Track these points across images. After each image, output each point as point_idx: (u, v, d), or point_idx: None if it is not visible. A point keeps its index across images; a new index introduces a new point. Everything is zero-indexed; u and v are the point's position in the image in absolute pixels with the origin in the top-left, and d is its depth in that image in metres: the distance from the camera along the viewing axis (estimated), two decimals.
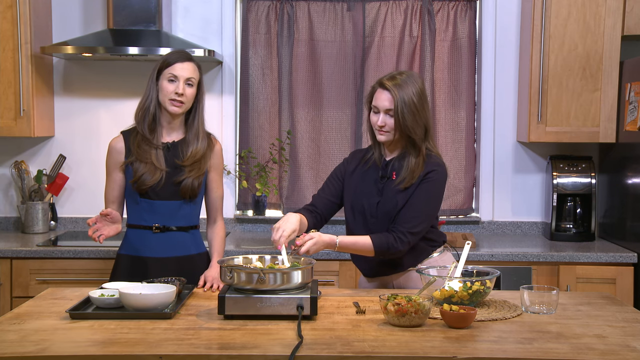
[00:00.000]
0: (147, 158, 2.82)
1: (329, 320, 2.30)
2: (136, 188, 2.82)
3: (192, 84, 2.84)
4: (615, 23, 3.79)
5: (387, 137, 2.70)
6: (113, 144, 2.91)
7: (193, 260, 2.93)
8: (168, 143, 2.88)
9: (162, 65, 2.83)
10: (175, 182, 2.84)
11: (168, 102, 2.81)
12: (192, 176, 2.85)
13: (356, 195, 2.79)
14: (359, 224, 2.77)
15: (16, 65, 3.83)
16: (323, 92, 4.21)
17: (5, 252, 3.59)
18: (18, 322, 2.27)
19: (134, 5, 3.85)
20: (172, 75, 2.81)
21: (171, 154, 2.86)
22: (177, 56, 2.84)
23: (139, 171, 2.81)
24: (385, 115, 2.67)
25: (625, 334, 2.19)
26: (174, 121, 2.88)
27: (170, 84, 2.81)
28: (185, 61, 2.83)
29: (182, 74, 2.81)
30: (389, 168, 2.75)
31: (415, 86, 2.67)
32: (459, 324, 2.21)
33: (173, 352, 2.00)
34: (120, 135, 2.91)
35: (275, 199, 4.26)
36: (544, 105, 3.84)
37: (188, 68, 2.83)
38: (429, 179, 2.68)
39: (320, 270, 3.56)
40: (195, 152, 2.87)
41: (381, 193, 2.73)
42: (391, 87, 2.65)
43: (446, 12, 4.17)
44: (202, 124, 2.91)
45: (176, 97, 2.80)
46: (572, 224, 3.96)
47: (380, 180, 2.75)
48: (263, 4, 4.18)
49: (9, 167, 4.16)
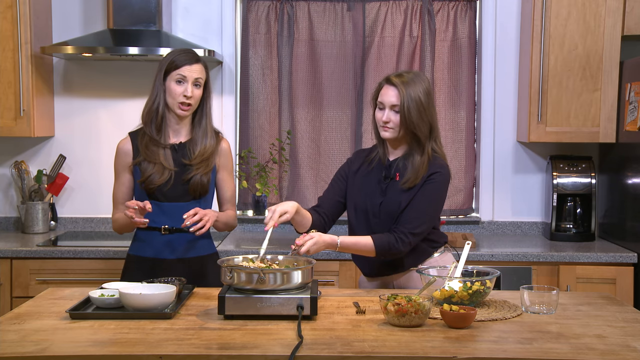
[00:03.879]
0: (155, 158, 2.81)
1: (329, 320, 2.30)
2: (144, 187, 2.81)
3: (199, 85, 2.83)
4: (615, 23, 3.79)
5: (392, 134, 2.71)
6: (121, 145, 2.90)
7: (203, 261, 2.92)
8: (175, 144, 2.87)
9: (169, 67, 2.81)
10: (184, 181, 2.83)
11: (177, 106, 2.81)
12: (200, 172, 2.84)
13: (359, 194, 2.79)
14: (362, 224, 2.77)
15: (16, 65, 3.82)
16: (323, 92, 4.21)
17: (5, 252, 3.59)
18: (18, 322, 2.27)
19: (134, 5, 3.85)
20: (181, 77, 2.80)
21: (179, 155, 2.86)
22: (185, 58, 2.82)
23: (147, 171, 2.80)
24: (391, 111, 2.68)
25: (625, 334, 2.18)
26: (181, 122, 2.88)
27: (179, 85, 2.80)
28: (194, 63, 2.82)
29: (191, 75, 2.80)
30: (393, 168, 2.75)
31: (423, 85, 2.68)
32: (459, 324, 2.21)
33: (173, 352, 2.00)
34: (128, 137, 2.91)
35: (275, 199, 4.26)
36: (544, 105, 3.84)
37: (196, 69, 2.82)
38: (433, 180, 2.69)
39: (320, 270, 3.56)
40: (203, 151, 2.86)
41: (384, 193, 2.73)
42: (398, 83, 2.66)
43: (446, 12, 4.17)
44: (210, 123, 2.91)
45: (185, 99, 2.79)
46: (572, 224, 3.96)
47: (383, 180, 2.75)
48: (263, 4, 4.18)
49: (9, 167, 4.16)
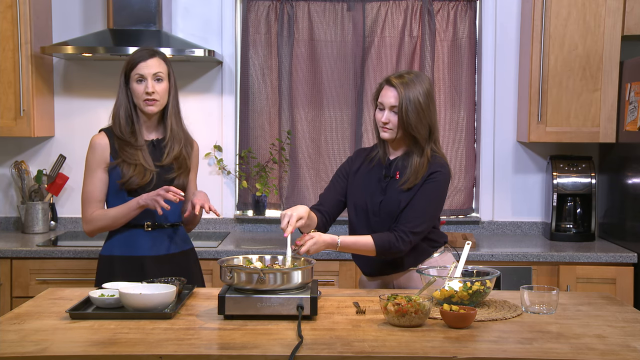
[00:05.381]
0: (134, 160, 2.79)
1: (329, 320, 2.30)
2: (125, 188, 2.79)
3: (161, 79, 2.80)
4: (615, 23, 3.78)
5: (390, 135, 2.71)
6: (97, 140, 2.83)
7: (187, 256, 2.95)
8: (153, 140, 2.86)
9: (127, 68, 2.80)
10: (166, 180, 2.82)
11: (142, 104, 2.79)
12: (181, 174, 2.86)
13: (359, 193, 2.79)
14: (362, 223, 2.77)
15: (16, 65, 3.82)
16: (323, 92, 4.21)
17: (5, 252, 3.59)
18: (18, 322, 2.27)
19: (134, 5, 3.85)
20: (139, 75, 2.78)
21: (157, 152, 2.84)
22: (140, 54, 2.80)
23: (128, 174, 2.77)
24: (390, 112, 2.69)
25: (625, 334, 2.18)
26: (149, 120, 2.85)
27: (139, 84, 2.78)
28: (149, 58, 2.79)
29: (148, 71, 2.78)
30: (393, 167, 2.75)
31: (423, 86, 2.68)
32: (459, 324, 2.21)
33: (173, 352, 2.00)
34: (103, 132, 2.86)
35: (275, 199, 4.26)
36: (544, 105, 3.84)
37: (152, 64, 2.79)
38: (433, 180, 2.69)
39: (320, 270, 3.56)
40: (176, 154, 2.85)
41: (384, 192, 2.74)
42: (398, 84, 2.66)
43: (446, 12, 4.17)
44: (177, 120, 2.87)
45: (147, 96, 2.78)
46: (572, 224, 3.96)
47: (383, 179, 2.76)
48: (263, 4, 4.17)
49: (9, 167, 4.16)
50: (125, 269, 2.82)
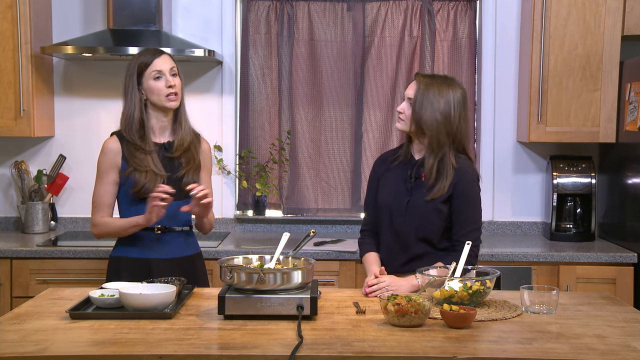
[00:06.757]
0: (145, 166, 2.78)
1: (329, 320, 2.30)
2: (138, 196, 2.79)
3: (176, 74, 2.85)
4: (615, 23, 3.78)
5: (402, 126, 2.79)
6: (110, 144, 2.85)
7: (194, 260, 2.94)
8: (165, 143, 2.86)
9: (140, 68, 2.81)
10: (176, 178, 2.82)
11: (165, 100, 2.80)
12: (190, 171, 2.85)
13: (386, 193, 2.84)
14: (386, 222, 2.82)
15: (16, 65, 3.83)
16: (323, 92, 4.21)
17: (5, 252, 3.59)
18: (18, 322, 2.27)
19: (134, 5, 3.85)
20: (157, 72, 2.80)
21: (168, 153, 2.85)
22: (151, 53, 2.84)
23: (140, 182, 2.77)
24: (406, 103, 2.77)
25: (625, 334, 2.18)
26: (162, 121, 2.86)
27: (158, 81, 2.80)
28: (161, 55, 2.83)
29: (165, 67, 2.81)
30: (417, 167, 2.79)
31: (448, 91, 2.73)
32: (459, 324, 2.21)
33: (173, 352, 2.00)
34: (115, 136, 2.87)
35: (275, 199, 4.26)
36: (544, 105, 3.84)
37: (166, 60, 2.83)
38: (465, 185, 2.75)
39: (320, 270, 3.56)
40: (185, 147, 2.85)
41: (410, 193, 2.78)
42: (421, 79, 2.75)
43: (446, 12, 4.17)
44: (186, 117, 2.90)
45: (170, 90, 2.80)
46: (572, 224, 3.96)
47: (409, 180, 2.79)
48: (263, 4, 4.18)
49: (9, 167, 4.16)
50: (133, 271, 2.82)
